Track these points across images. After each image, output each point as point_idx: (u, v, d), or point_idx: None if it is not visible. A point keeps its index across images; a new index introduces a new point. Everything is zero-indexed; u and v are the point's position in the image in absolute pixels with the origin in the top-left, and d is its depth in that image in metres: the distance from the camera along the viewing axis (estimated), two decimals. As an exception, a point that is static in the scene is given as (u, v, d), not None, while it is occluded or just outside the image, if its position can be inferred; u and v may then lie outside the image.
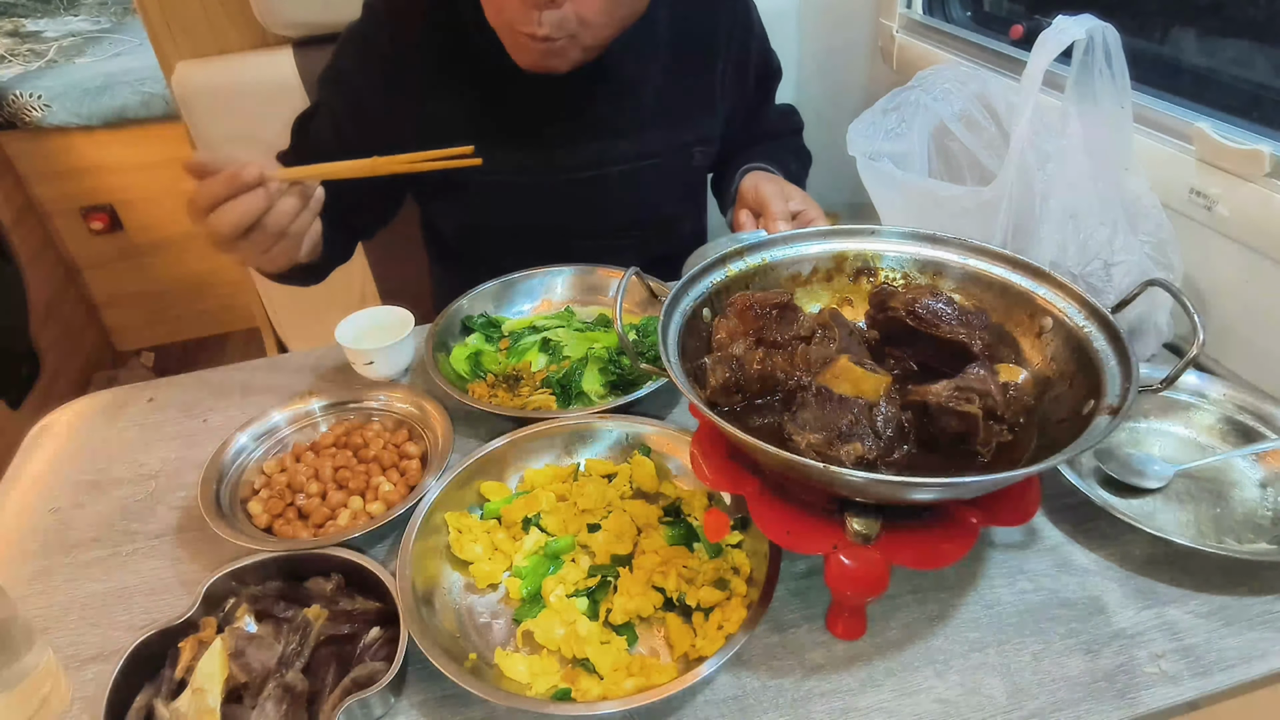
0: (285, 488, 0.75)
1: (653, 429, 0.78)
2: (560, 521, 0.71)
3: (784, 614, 0.65)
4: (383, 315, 0.93)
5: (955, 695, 0.59)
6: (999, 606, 0.65)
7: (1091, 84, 0.81)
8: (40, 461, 0.86)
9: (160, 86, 2.23)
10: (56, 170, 2.30)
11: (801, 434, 0.58)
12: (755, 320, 0.67)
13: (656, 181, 1.10)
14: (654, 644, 0.63)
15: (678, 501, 0.73)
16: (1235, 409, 0.79)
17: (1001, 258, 0.70)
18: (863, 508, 0.58)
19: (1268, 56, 0.92)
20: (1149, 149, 0.91)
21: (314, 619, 0.62)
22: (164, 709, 0.57)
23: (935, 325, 0.66)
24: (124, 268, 2.47)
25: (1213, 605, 0.64)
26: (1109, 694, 0.58)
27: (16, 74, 2.30)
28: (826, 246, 0.75)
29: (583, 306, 1.02)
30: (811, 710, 0.58)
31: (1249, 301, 0.85)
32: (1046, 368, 0.65)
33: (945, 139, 0.96)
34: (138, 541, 0.75)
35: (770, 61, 1.18)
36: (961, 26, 1.32)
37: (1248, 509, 0.72)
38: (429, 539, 0.68)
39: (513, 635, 0.64)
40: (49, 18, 2.85)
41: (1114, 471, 0.74)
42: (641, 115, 1.06)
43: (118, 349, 2.62)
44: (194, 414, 0.90)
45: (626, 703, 0.55)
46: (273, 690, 0.58)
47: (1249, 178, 0.81)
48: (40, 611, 0.69)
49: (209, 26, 1.31)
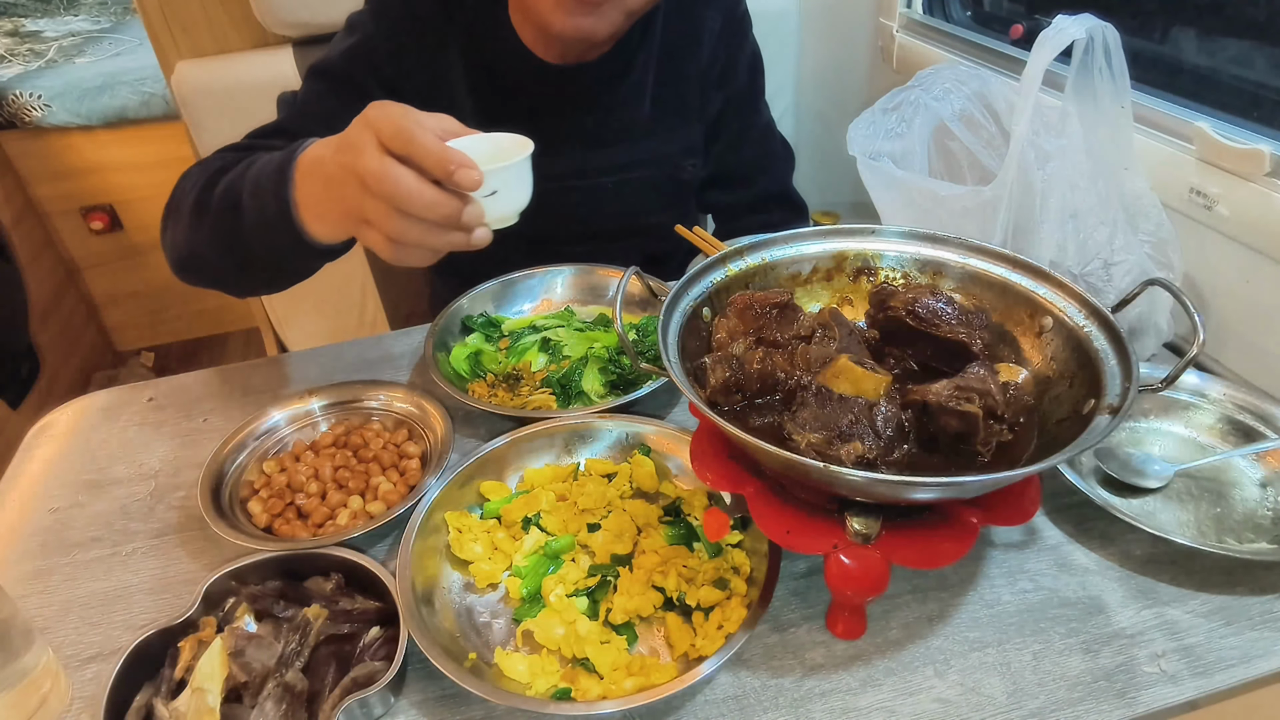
0: (285, 487, 0.75)
1: (653, 429, 0.78)
2: (560, 521, 0.71)
3: (784, 614, 0.65)
4: (492, 142, 0.69)
5: (955, 695, 0.59)
6: (999, 606, 0.65)
7: (1091, 83, 0.81)
8: (40, 461, 0.86)
9: (160, 86, 2.23)
10: (56, 170, 2.30)
11: (801, 433, 0.57)
12: (755, 320, 0.67)
13: (643, 192, 1.10)
14: (654, 644, 0.63)
15: (678, 501, 0.73)
16: (1235, 408, 0.79)
17: (1001, 257, 0.70)
18: (863, 507, 0.58)
19: (1268, 56, 0.92)
20: (1149, 148, 0.91)
21: (314, 618, 0.62)
22: (164, 708, 0.57)
23: (935, 325, 0.66)
24: (124, 267, 2.47)
25: (1213, 605, 0.64)
26: (1109, 694, 0.58)
27: (16, 74, 2.30)
28: (826, 246, 0.75)
29: (583, 306, 1.02)
30: (811, 710, 0.58)
31: (1249, 301, 0.85)
32: (1046, 367, 0.65)
33: (945, 138, 0.96)
34: (137, 541, 0.75)
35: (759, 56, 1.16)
36: (961, 26, 1.32)
37: (1248, 509, 0.72)
38: (429, 539, 0.68)
39: (512, 635, 0.64)
40: (49, 18, 2.85)
41: (1114, 471, 0.74)
42: (636, 123, 1.06)
43: (117, 349, 2.63)
44: (194, 414, 0.90)
45: (626, 702, 0.55)
46: (272, 690, 0.57)
47: (1249, 177, 0.81)
48: (40, 611, 0.69)
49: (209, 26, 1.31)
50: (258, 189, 0.73)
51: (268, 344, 1.69)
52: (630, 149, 1.07)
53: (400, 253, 0.63)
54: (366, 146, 0.60)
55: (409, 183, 0.59)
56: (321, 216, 0.70)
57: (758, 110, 1.18)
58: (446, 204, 0.61)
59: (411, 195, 0.59)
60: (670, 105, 1.07)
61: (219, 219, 0.76)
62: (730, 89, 1.12)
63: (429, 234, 0.62)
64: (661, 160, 1.09)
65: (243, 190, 0.74)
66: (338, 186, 0.65)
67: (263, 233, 0.73)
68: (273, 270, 0.83)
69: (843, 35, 1.54)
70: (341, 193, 0.64)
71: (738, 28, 1.10)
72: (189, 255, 0.82)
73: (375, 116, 0.61)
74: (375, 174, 0.59)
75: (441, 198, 0.60)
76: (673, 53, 1.05)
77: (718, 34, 1.08)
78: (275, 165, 0.72)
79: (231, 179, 0.77)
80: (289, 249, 0.74)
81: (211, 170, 0.81)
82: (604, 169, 1.07)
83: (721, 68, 1.09)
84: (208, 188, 0.79)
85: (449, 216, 0.61)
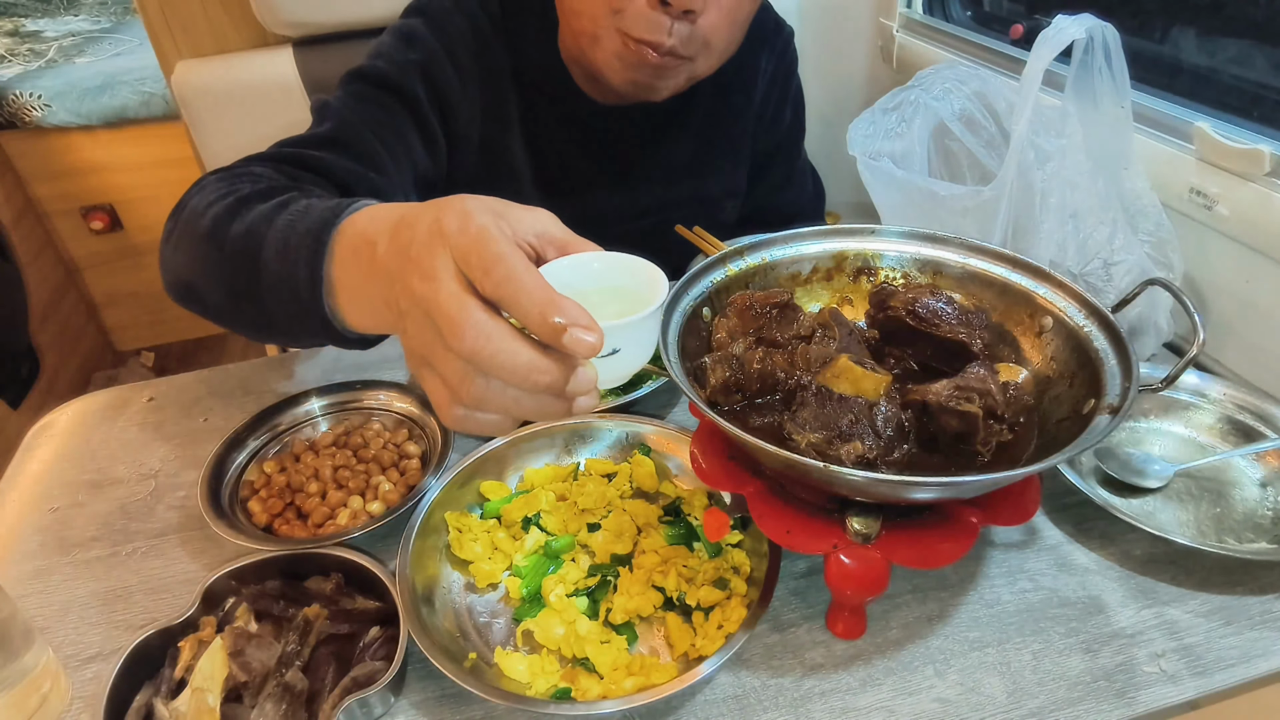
0: (285, 487, 0.75)
1: (653, 428, 0.78)
2: (560, 521, 0.71)
3: (784, 614, 0.65)
4: (605, 264, 0.51)
5: (955, 694, 0.59)
6: (999, 606, 0.65)
7: (1091, 83, 0.81)
8: (40, 461, 0.86)
9: (160, 86, 2.23)
10: (56, 170, 2.30)
11: (801, 433, 0.58)
12: (755, 319, 0.67)
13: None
14: (654, 643, 0.63)
15: (678, 501, 0.73)
16: (1235, 408, 0.79)
17: (1001, 257, 0.70)
18: (863, 507, 0.58)
19: (1268, 56, 0.92)
20: (1149, 148, 0.91)
21: (314, 618, 0.62)
22: (164, 708, 0.57)
23: (935, 324, 0.66)
24: (124, 267, 2.47)
25: (1213, 605, 0.64)
26: (1109, 693, 0.58)
27: (16, 74, 2.30)
28: (826, 246, 0.75)
29: (583, 306, 1.02)
30: (811, 710, 0.58)
31: (1249, 301, 0.85)
32: (1046, 367, 0.65)
33: (945, 138, 0.96)
34: (137, 541, 0.75)
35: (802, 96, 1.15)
36: (961, 26, 1.32)
37: (1248, 508, 0.72)
38: (429, 538, 0.68)
39: (512, 635, 0.64)
40: (49, 18, 2.85)
41: (1114, 471, 0.74)
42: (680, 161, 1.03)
43: (117, 349, 2.62)
44: (194, 414, 0.90)
45: (626, 702, 0.55)
46: (272, 689, 0.58)
47: (1249, 177, 0.81)
48: (40, 611, 0.69)
49: (209, 26, 1.31)
50: (286, 247, 0.59)
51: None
52: (673, 188, 1.04)
53: (469, 422, 0.47)
54: (442, 275, 0.44)
55: (501, 343, 0.43)
56: (362, 311, 0.57)
57: (800, 153, 1.18)
58: (549, 372, 0.44)
59: (503, 359, 0.43)
60: (719, 146, 1.05)
61: (234, 264, 0.64)
62: (778, 132, 1.11)
63: (517, 404, 0.46)
64: (704, 200, 1.07)
65: (266, 241, 0.61)
66: (390, 295, 0.49)
67: (283, 301, 0.60)
68: (286, 338, 0.72)
69: (843, 35, 1.53)
70: (396, 307, 0.48)
71: (788, 69, 1.10)
72: (188, 285, 0.71)
73: (455, 229, 0.44)
74: (454, 323, 0.43)
75: (544, 363, 0.44)
76: (725, 93, 1.03)
77: (770, 76, 1.06)
78: (313, 224, 0.58)
79: (256, 220, 0.64)
80: (312, 328, 0.60)
81: (236, 195, 0.68)
82: (647, 209, 1.03)
83: (774, 109, 1.09)
84: (228, 218, 0.66)
85: (551, 386, 0.45)
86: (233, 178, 0.73)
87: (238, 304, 0.66)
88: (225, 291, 0.67)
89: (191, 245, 0.69)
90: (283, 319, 0.63)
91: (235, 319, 0.70)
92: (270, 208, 0.64)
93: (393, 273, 0.48)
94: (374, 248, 0.51)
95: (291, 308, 0.60)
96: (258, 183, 0.71)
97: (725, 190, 1.08)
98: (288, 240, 0.60)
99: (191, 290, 0.71)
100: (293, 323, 0.62)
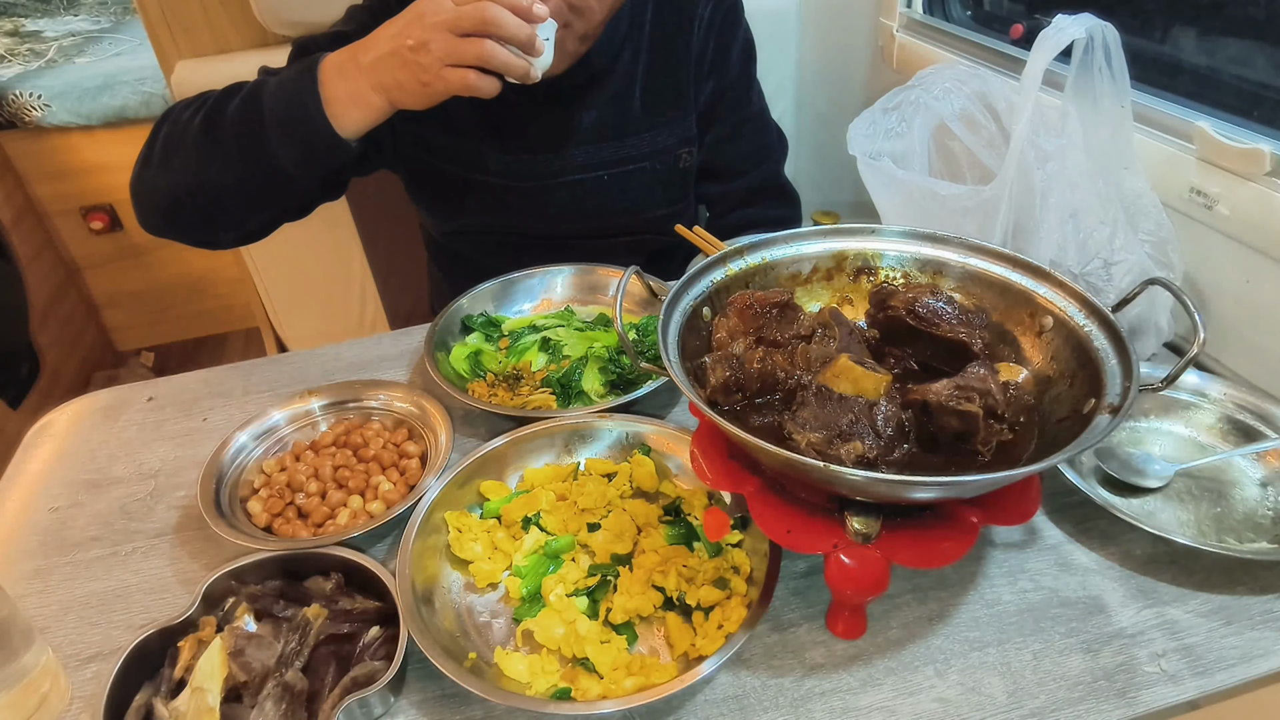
0: (285, 487, 0.75)
1: (653, 428, 0.78)
2: (560, 521, 0.71)
3: (784, 613, 0.65)
4: None
5: (955, 694, 0.59)
6: (999, 606, 0.65)
7: (1091, 83, 0.81)
8: (40, 460, 0.86)
9: (160, 86, 2.23)
10: (56, 170, 2.30)
11: (802, 433, 0.57)
12: (755, 319, 0.67)
13: (645, 185, 1.10)
14: (654, 643, 0.63)
15: (678, 501, 0.73)
16: (1235, 408, 0.79)
17: (1002, 257, 0.70)
18: (863, 507, 0.58)
19: (1268, 56, 0.91)
20: (1149, 148, 0.91)
21: (313, 618, 0.62)
22: (163, 708, 0.57)
23: (935, 324, 0.66)
24: (124, 267, 2.47)
25: (1213, 604, 0.64)
26: (1109, 693, 0.58)
27: (16, 74, 2.30)
28: (826, 245, 0.75)
29: (582, 306, 1.02)
30: (811, 709, 0.58)
31: (1249, 301, 0.85)
32: (1047, 367, 0.65)
33: (945, 138, 0.96)
34: (137, 541, 0.75)
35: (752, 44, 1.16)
36: (961, 26, 1.32)
37: (1248, 508, 0.72)
38: (429, 538, 0.68)
39: (512, 634, 0.64)
40: (49, 18, 2.85)
41: (1114, 470, 0.74)
42: (629, 117, 1.06)
43: (118, 348, 2.63)
44: (194, 414, 0.90)
45: (626, 702, 0.55)
46: (272, 689, 0.57)
47: (1249, 177, 0.81)
48: (39, 611, 0.69)
49: (209, 26, 1.31)
50: (283, 94, 0.81)
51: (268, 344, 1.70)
52: (627, 142, 1.07)
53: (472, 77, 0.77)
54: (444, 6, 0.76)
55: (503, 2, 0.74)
56: (353, 109, 0.81)
57: (750, 100, 1.17)
58: (527, 27, 0.76)
59: (505, 16, 0.74)
60: (663, 96, 1.07)
61: (237, 129, 0.83)
62: (722, 78, 1.11)
63: (512, 60, 0.77)
64: (660, 152, 1.09)
65: (263, 101, 0.82)
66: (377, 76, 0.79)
67: (290, 134, 0.82)
68: (283, 189, 0.87)
69: (843, 35, 1.53)
70: (392, 61, 0.78)
71: (729, 16, 1.10)
72: (176, 194, 0.87)
73: None
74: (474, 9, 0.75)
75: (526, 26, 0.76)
76: (662, 43, 1.06)
77: (708, 22, 1.08)
78: (298, 72, 0.82)
79: (245, 96, 0.84)
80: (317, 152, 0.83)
81: (213, 98, 0.87)
82: (603, 163, 1.07)
83: (713, 57, 1.09)
84: (218, 110, 0.85)
85: (530, 38, 0.77)
86: (198, 98, 0.90)
87: (244, 164, 0.84)
88: (226, 161, 0.84)
89: (184, 150, 0.86)
90: (289, 157, 0.83)
91: (230, 195, 0.87)
92: (252, 86, 0.86)
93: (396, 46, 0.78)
94: (354, 60, 0.81)
95: (298, 135, 0.82)
96: (217, 94, 0.88)
97: (679, 139, 1.10)
98: (282, 90, 0.82)
99: (178, 198, 0.87)
100: (297, 152, 0.83)
